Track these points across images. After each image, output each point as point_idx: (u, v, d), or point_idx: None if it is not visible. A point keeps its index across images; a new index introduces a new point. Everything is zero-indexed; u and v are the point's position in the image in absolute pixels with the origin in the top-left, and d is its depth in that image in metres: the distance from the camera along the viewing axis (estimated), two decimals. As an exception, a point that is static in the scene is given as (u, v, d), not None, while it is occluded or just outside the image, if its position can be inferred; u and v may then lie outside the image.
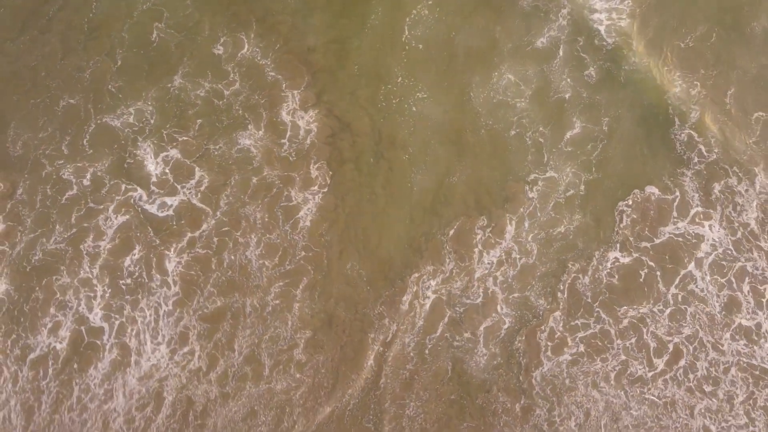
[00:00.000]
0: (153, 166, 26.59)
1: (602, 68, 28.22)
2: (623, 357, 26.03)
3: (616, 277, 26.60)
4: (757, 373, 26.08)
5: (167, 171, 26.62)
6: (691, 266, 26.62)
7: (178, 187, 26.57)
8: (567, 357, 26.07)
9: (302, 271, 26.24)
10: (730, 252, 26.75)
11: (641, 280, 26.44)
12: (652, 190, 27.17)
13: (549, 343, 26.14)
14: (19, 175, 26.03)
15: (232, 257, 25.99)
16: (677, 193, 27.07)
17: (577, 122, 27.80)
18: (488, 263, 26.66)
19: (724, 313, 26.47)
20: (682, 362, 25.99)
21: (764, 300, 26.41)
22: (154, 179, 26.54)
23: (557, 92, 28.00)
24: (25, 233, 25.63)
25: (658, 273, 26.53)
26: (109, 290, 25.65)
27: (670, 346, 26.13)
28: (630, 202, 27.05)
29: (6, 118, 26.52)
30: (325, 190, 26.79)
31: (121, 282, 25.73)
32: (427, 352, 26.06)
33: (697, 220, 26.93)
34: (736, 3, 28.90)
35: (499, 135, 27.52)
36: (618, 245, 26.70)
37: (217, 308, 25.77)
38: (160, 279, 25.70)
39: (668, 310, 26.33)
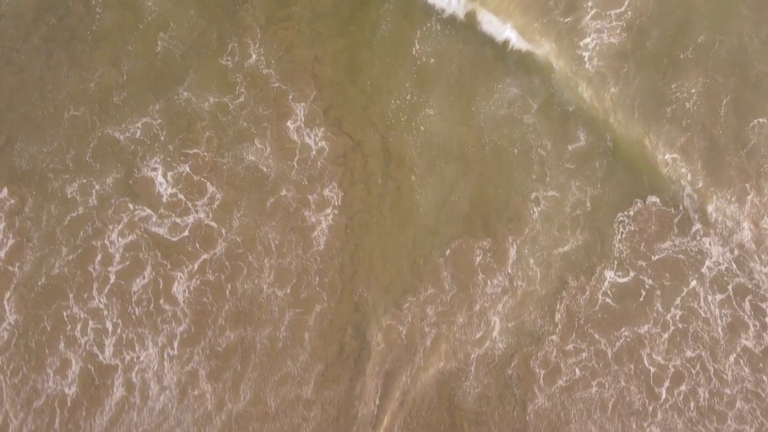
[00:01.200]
0: (162, 183, 26.40)
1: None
2: (623, 384, 26.33)
3: (615, 297, 26.85)
4: (765, 405, 26.26)
5: (177, 190, 26.44)
6: (692, 284, 26.88)
7: (189, 205, 26.43)
8: (562, 383, 26.24)
9: (317, 298, 26.30)
10: (731, 269, 26.99)
11: (641, 299, 26.75)
12: (654, 200, 27.34)
13: (542, 371, 26.32)
14: (27, 190, 25.89)
15: (246, 286, 25.95)
16: (681, 208, 27.24)
17: (581, 135, 27.83)
18: (490, 293, 26.77)
19: (728, 336, 26.70)
20: (683, 387, 26.27)
21: (765, 318, 26.68)
22: (164, 198, 26.34)
23: (560, 105, 27.94)
24: (34, 251, 25.58)
25: (658, 292, 26.81)
26: (120, 322, 25.52)
27: (671, 369, 26.40)
28: (631, 213, 27.22)
29: (15, 130, 26.23)
30: (336, 211, 26.77)
31: (130, 310, 25.62)
32: (419, 382, 26.23)
33: (697, 237, 27.19)
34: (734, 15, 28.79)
35: (504, 151, 27.52)
36: (616, 262, 26.90)
37: (229, 345, 25.77)
38: (171, 310, 25.63)
39: (668, 332, 26.61)
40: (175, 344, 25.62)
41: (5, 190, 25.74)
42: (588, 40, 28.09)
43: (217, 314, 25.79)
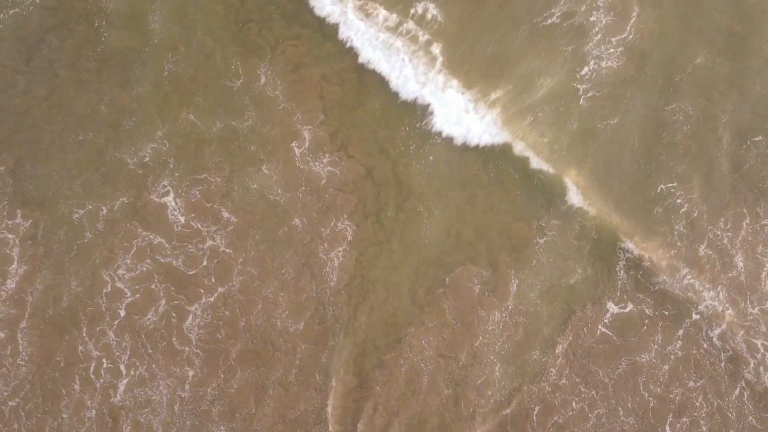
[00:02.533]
0: (174, 210, 26.14)
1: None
2: (622, 418, 26.51)
3: (616, 328, 26.85)
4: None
5: (189, 218, 26.21)
6: (694, 317, 26.93)
7: (204, 232, 26.18)
8: (558, 420, 26.25)
9: (331, 330, 26.23)
10: (726, 308, 27.05)
11: (644, 329, 26.86)
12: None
13: (537, 407, 26.35)
14: (40, 214, 25.61)
15: (259, 321, 25.86)
16: (678, 244, 27.21)
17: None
18: (491, 329, 26.61)
19: (730, 369, 26.83)
20: (685, 419, 26.47)
21: (758, 354, 26.84)
22: (177, 227, 26.11)
23: (562, 132, 27.81)
24: (44, 280, 25.36)
25: (660, 324, 26.86)
26: (135, 361, 25.34)
27: (673, 400, 26.53)
28: (632, 244, 27.10)
29: (23, 152, 25.85)
30: (348, 247, 26.57)
31: (141, 346, 25.42)
32: (416, 422, 26.23)
33: (689, 278, 27.16)
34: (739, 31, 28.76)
35: (509, 176, 27.35)
36: (618, 293, 26.89)
37: (240, 387, 25.67)
38: (186, 351, 25.50)
39: (668, 365, 26.75)
40: (187, 387, 25.53)
41: (19, 213, 25.43)
42: (587, 69, 27.76)
43: (229, 352, 25.67)
